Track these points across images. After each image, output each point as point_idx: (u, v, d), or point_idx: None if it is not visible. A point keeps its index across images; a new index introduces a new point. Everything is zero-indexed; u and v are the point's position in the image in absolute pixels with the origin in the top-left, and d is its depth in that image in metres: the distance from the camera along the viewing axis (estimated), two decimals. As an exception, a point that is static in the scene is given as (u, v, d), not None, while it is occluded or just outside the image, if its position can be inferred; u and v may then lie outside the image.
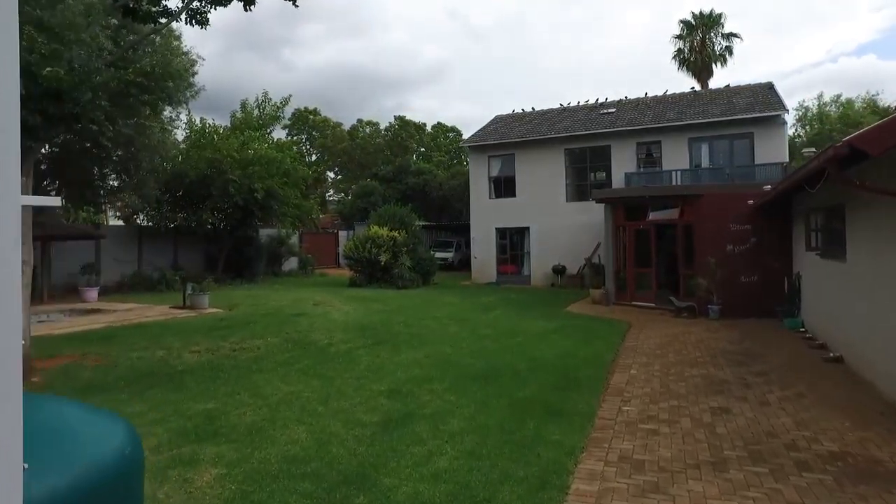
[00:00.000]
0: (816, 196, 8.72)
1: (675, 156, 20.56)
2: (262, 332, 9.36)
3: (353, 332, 10.09)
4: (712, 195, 13.13)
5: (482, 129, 25.64)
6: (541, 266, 23.04)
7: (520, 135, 23.48)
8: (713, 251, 12.92)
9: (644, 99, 24.44)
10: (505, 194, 24.24)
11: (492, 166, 24.42)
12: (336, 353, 8.48)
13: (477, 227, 24.57)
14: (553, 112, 25.68)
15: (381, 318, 12.10)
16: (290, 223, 21.00)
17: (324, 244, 30.66)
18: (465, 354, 8.73)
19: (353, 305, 13.80)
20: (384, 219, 21.76)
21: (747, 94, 21.36)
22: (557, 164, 22.79)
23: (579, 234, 22.10)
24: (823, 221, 9.04)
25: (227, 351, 8.13)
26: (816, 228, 9.48)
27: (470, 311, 14.03)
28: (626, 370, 8.13)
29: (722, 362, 8.40)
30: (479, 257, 24.58)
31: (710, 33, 37.82)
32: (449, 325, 11.56)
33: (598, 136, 21.83)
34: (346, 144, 43.46)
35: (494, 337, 10.33)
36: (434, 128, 49.58)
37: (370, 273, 20.47)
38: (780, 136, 19.17)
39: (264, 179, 18.88)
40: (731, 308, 12.66)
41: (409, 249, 21.31)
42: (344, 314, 12.06)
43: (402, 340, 9.69)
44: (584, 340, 10.24)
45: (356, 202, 36.22)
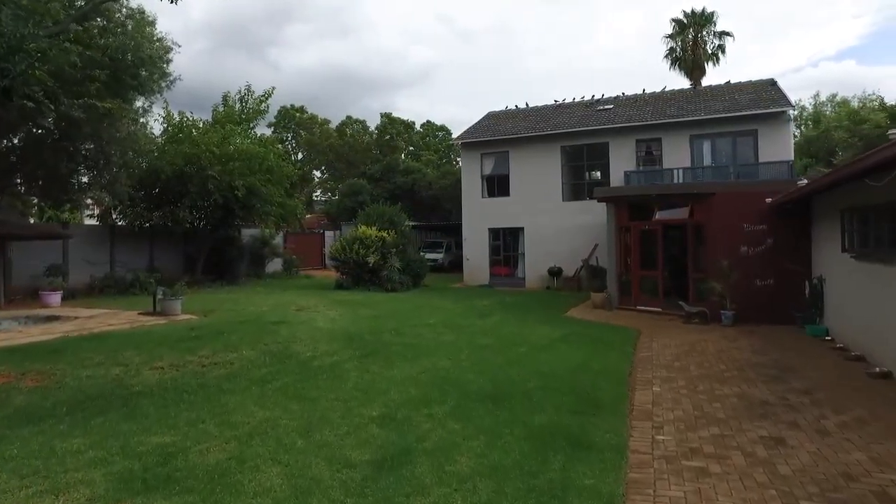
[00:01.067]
0: (856, 193, 7.90)
1: (676, 154, 19.78)
2: (238, 342, 8.33)
3: (339, 343, 9.09)
4: (725, 194, 12.31)
5: (474, 126, 24.73)
6: (535, 268, 22.18)
7: (514, 131, 22.60)
8: (726, 253, 12.10)
9: (642, 95, 23.68)
10: (498, 193, 23.36)
11: (485, 164, 23.52)
12: (320, 368, 7.48)
13: (469, 227, 23.65)
14: (548, 109, 24.84)
15: (370, 325, 11.11)
16: (273, 223, 19.90)
17: (309, 245, 29.54)
18: (466, 369, 7.78)
19: (339, 311, 12.79)
20: (373, 218, 20.74)
21: (749, 90, 20.66)
22: (553, 162, 21.94)
23: (576, 234, 21.28)
24: (866, 221, 8.19)
25: (195, 367, 7.09)
26: (852, 229, 8.64)
27: (465, 317, 13.09)
28: (647, 386, 7.24)
29: (753, 377, 7.54)
30: (472, 259, 23.67)
31: (702, 32, 37.28)
32: (444, 333, 10.61)
33: (596, 132, 21.00)
34: (333, 141, 42.29)
35: (496, 347, 9.39)
36: (423, 126, 48.63)
37: (357, 275, 19.44)
38: (785, 133, 18.47)
39: (246, 176, 17.78)
40: (745, 313, 11.85)
41: (398, 250, 20.30)
42: (329, 321, 11.05)
43: (394, 352, 8.71)
44: (594, 350, 9.35)
45: (343, 201, 35.15)
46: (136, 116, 14.74)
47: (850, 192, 8.15)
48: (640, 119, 20.48)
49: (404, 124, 44.82)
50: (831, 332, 10.13)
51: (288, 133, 43.62)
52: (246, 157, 17.89)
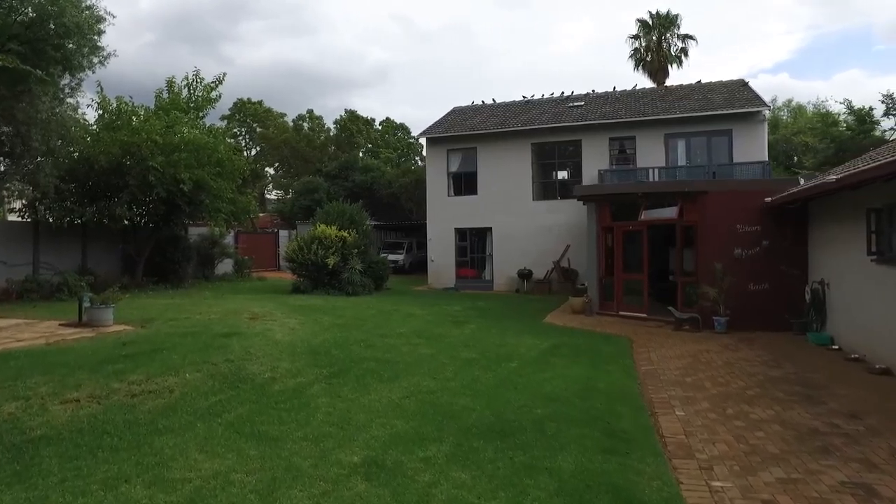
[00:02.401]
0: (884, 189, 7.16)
1: (650, 153, 19.22)
2: (180, 362, 6.88)
3: (302, 359, 7.75)
4: (718, 192, 11.59)
5: (440, 121, 23.61)
6: (504, 270, 21.23)
7: (483, 127, 21.61)
8: (719, 255, 11.37)
9: (613, 93, 23.09)
10: (465, 192, 22.31)
11: (451, 161, 22.42)
12: (282, 394, 6.15)
13: (434, 227, 22.50)
14: (516, 105, 23.96)
15: (336, 336, 9.79)
16: (223, 220, 18.13)
17: (262, 245, 27.70)
18: (456, 391, 6.60)
19: (298, 318, 11.38)
20: (332, 217, 19.29)
21: (721, 90, 20.32)
22: (523, 159, 21.05)
23: (547, 235, 20.47)
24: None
25: (122, 397, 5.64)
26: (891, 230, 7.92)
27: (439, 325, 11.92)
28: (668, 410, 6.26)
29: (781, 396, 6.67)
30: (437, 260, 22.52)
31: (665, 34, 37.43)
32: (420, 345, 9.40)
33: (568, 129, 20.24)
34: (289, 136, 40.22)
35: (483, 362, 8.25)
36: (383, 124, 47.18)
37: (316, 278, 17.97)
38: (759, 133, 18.14)
39: (193, 169, 16.02)
40: (738, 319, 11.15)
41: (360, 251, 18.94)
42: (289, 331, 9.66)
43: (368, 369, 7.45)
44: (592, 365, 8.35)
45: (298, 200, 33.36)
46: (60, 95, 12.81)
47: (881, 189, 7.43)
48: (614, 116, 19.83)
49: (365, 121, 43.23)
50: (838, 340, 9.49)
51: (242, 127, 41.25)
52: (193, 148, 16.14)
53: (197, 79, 18.37)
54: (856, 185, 7.12)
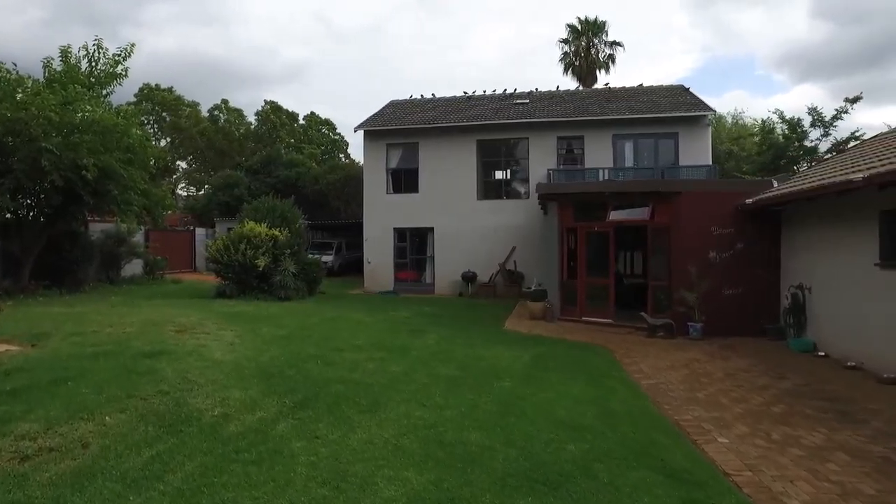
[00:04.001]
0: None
1: (598, 153, 18.87)
2: (94, 398, 5.15)
3: (254, 384, 6.21)
4: (692, 193, 11.11)
5: (377, 114, 22.17)
6: (447, 273, 20.15)
7: (425, 121, 20.40)
8: (693, 259, 10.89)
9: (558, 92, 22.70)
10: (405, 189, 21.02)
11: (390, 156, 21.07)
12: (242, 438, 4.66)
13: (372, 226, 21.03)
14: (458, 100, 22.98)
15: (284, 350, 8.25)
16: (134, 215, 15.71)
17: (177, 244, 24.93)
18: (459, 422, 5.38)
19: (234, 330, 9.68)
20: (261, 213, 17.36)
21: (665, 93, 20.38)
22: (468, 156, 20.08)
23: (492, 236, 19.62)
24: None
25: (5, 462, 3.93)
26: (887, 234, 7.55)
27: (396, 335, 10.62)
28: (705, 435, 5.40)
29: (812, 413, 6.04)
30: (374, 262, 21.06)
31: (594, 39, 38.01)
32: (387, 361, 8.07)
33: (516, 126, 19.50)
34: (204, 126, 36.91)
35: (469, 381, 7.06)
36: (307, 118, 44.76)
37: (243, 281, 16.03)
38: (704, 137, 18.24)
39: (98, 154, 13.62)
40: (712, 325, 10.71)
41: (293, 252, 17.17)
42: (228, 347, 8.00)
43: (339, 396, 6.05)
44: (589, 380, 7.41)
45: (216, 195, 30.57)
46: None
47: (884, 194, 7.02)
48: (562, 115, 19.32)
49: (288, 114, 40.62)
50: (822, 346, 9.17)
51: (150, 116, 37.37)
52: (99, 130, 13.75)
53: (99, 49, 15.83)
54: (884, 185, 6.63)
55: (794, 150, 19.92)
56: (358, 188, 33.14)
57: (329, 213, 31.51)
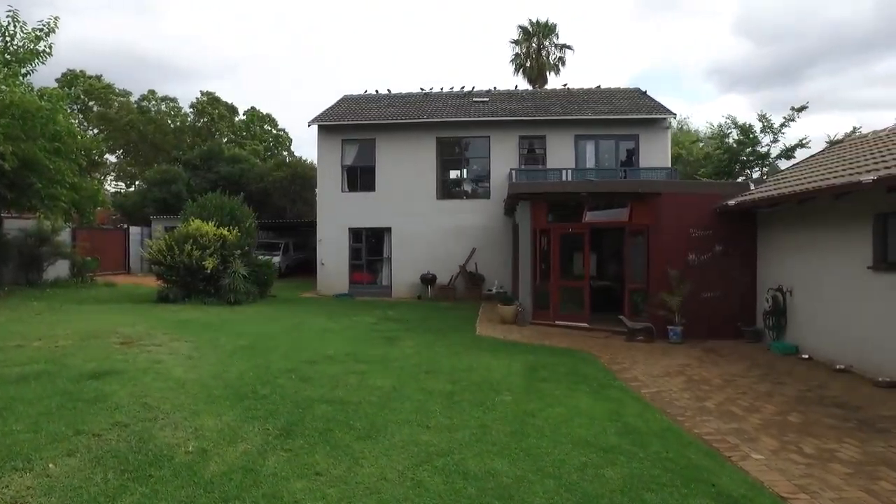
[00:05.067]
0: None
1: (560, 153, 18.69)
2: (29, 438, 4.15)
3: (227, 408, 5.34)
4: (673, 194, 10.92)
5: (332, 108, 21.15)
6: (405, 275, 19.44)
7: (383, 116, 19.59)
8: (673, 261, 10.69)
9: (517, 91, 22.43)
10: (362, 187, 20.13)
11: (346, 153, 20.11)
12: (228, 481, 3.82)
13: (325, 226, 19.99)
14: (415, 96, 22.29)
15: (251, 364, 7.35)
16: (62, 211, 14.07)
17: (108, 244, 22.94)
18: (476, 448, 4.73)
19: (189, 340, 8.64)
20: (209, 211, 16.09)
21: (623, 96, 20.47)
22: (427, 154, 19.45)
23: (452, 237, 19.09)
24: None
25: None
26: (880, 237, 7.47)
27: (369, 343, 9.86)
28: (737, 451, 5.02)
29: (832, 422, 5.78)
30: (328, 263, 20.04)
31: (544, 41, 38.23)
32: (369, 374, 7.32)
33: (478, 124, 19.03)
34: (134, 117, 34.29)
35: (467, 396, 6.42)
36: (247, 113, 42.71)
37: (188, 284, 14.77)
38: (664, 140, 18.39)
39: (18, 141, 12.08)
40: (690, 328, 10.54)
41: (243, 253, 16.00)
42: (187, 362, 7.02)
43: (328, 419, 5.28)
44: (591, 391, 6.93)
45: (151, 191, 28.49)
46: None
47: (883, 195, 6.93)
48: (525, 114, 19.00)
49: (227, 107, 38.51)
50: (805, 349, 9.12)
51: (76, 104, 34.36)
52: (19, 114, 12.19)
53: (15, 22, 14.09)
54: (893, 187, 6.50)
55: (747, 155, 20.49)
56: (305, 186, 31.95)
57: (274, 211, 30.07)
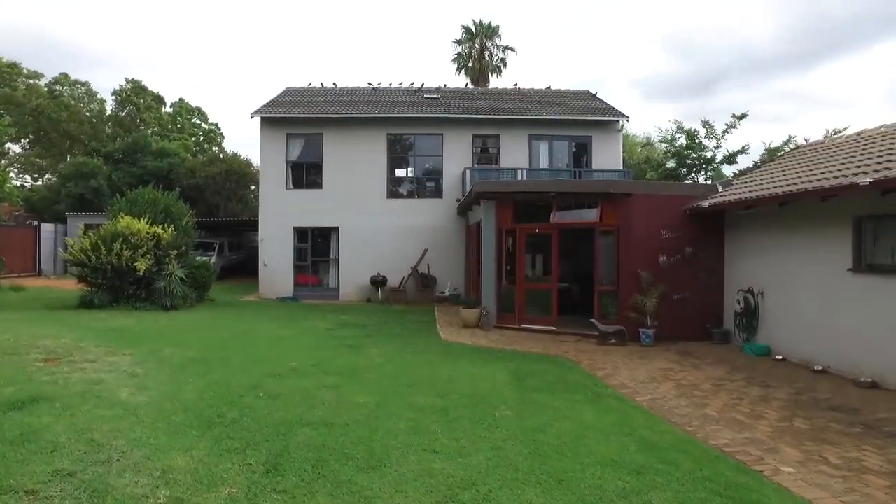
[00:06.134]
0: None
1: (514, 153, 18.45)
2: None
3: (195, 439, 4.48)
4: (643, 195, 10.76)
5: (276, 100, 19.93)
6: (353, 276, 18.57)
7: (332, 110, 18.62)
8: (644, 263, 10.55)
9: (468, 89, 22.04)
10: (308, 185, 19.08)
11: (291, 148, 18.99)
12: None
13: (268, 224, 18.79)
14: (364, 91, 21.41)
15: (209, 381, 6.42)
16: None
17: (14, 243, 20.54)
18: (502, 477, 4.14)
19: (128, 353, 7.53)
20: (140, 207, 14.59)
21: (574, 98, 20.51)
22: (378, 152, 18.68)
23: (403, 237, 18.43)
24: None
25: None
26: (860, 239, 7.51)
27: (331, 351, 9.08)
28: (758, 462, 4.79)
29: (840, 427, 5.64)
30: (271, 265, 18.83)
31: (487, 42, 38.20)
32: (345, 388, 6.57)
33: (431, 121, 18.45)
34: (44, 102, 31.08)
35: (463, 412, 5.80)
36: (175, 105, 40.09)
37: (117, 287, 13.30)
38: (616, 142, 18.53)
39: None
40: (661, 331, 10.43)
41: (179, 253, 14.62)
42: (133, 381, 6.00)
43: (320, 448, 4.53)
44: (590, 402, 6.52)
45: (66, 186, 25.96)
46: None
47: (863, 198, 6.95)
48: (478, 112, 18.59)
49: (154, 97, 35.81)
50: (778, 350, 9.16)
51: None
52: None
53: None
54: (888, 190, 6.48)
55: (693, 160, 21.09)
56: (241, 183, 30.21)
57: (207, 209, 28.23)
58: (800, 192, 7.55)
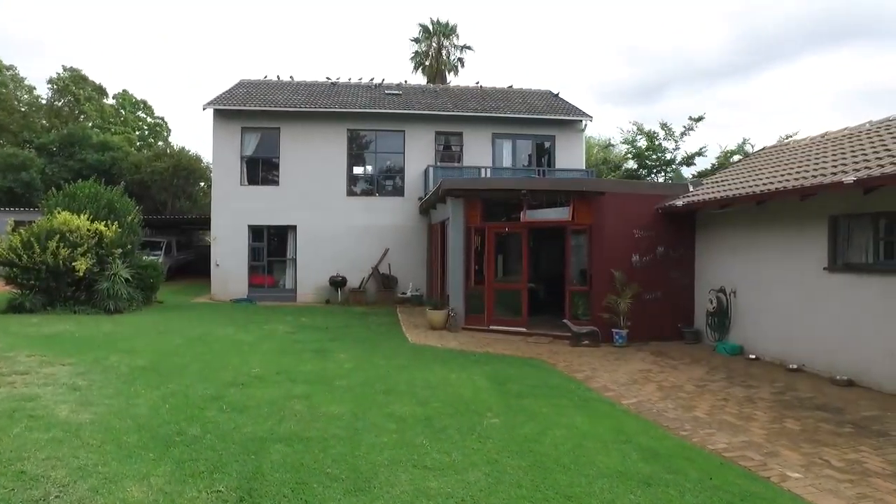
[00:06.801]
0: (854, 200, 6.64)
1: (477, 151, 18.19)
2: None
3: (153, 462, 3.91)
4: (616, 194, 10.62)
5: (228, 93, 18.95)
6: (311, 277, 17.85)
7: (290, 103, 17.85)
8: (616, 262, 10.41)
9: (430, 87, 21.63)
10: (263, 181, 18.24)
11: (246, 142, 18.09)
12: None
13: (221, 223, 17.83)
14: (322, 85, 20.68)
15: (165, 393, 5.80)
16: None
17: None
18: (506, 496, 3.76)
19: (67, 362, 6.78)
20: (80, 202, 13.52)
21: (537, 97, 20.41)
22: (337, 148, 18.03)
23: (363, 237, 17.87)
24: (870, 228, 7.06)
25: None
26: (846, 238, 7.51)
27: (297, 357, 8.52)
28: (762, 468, 4.61)
29: (831, 427, 5.55)
30: (224, 265, 17.88)
31: (444, 41, 37.90)
32: (317, 399, 6.06)
33: (393, 117, 17.94)
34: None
35: (448, 423, 5.41)
36: (118, 97, 38.00)
37: (53, 289, 12.27)
38: (579, 142, 18.52)
39: None
40: (634, 331, 10.32)
41: (125, 252, 13.62)
42: (74, 396, 5.32)
43: (300, 467, 4.04)
44: (578, 407, 6.23)
45: (-7, 180, 24.07)
46: None
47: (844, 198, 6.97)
48: (442, 108, 18.21)
49: (95, 87, 33.72)
50: (752, 350, 9.16)
51: None
52: None
53: None
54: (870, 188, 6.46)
55: (653, 161, 21.38)
56: (190, 179, 28.86)
57: (153, 207, 26.78)
58: (780, 191, 7.52)
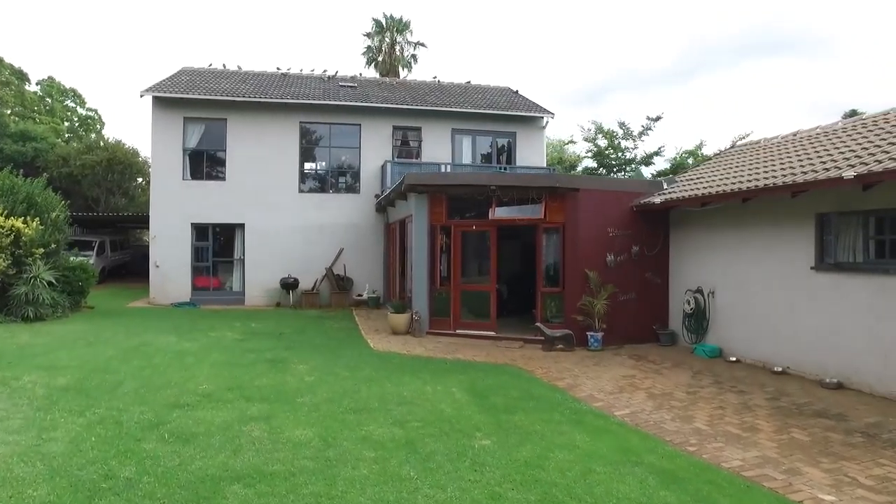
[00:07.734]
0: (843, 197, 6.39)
1: (436, 147, 17.54)
2: None
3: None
4: (591, 191, 10.16)
5: (170, 80, 17.52)
6: (261, 279, 16.74)
7: (239, 93, 16.65)
8: (591, 262, 9.96)
9: (386, 80, 20.79)
10: (208, 176, 16.98)
11: (189, 133, 16.75)
12: None
13: (161, 220, 16.46)
14: (272, 75, 19.50)
15: (90, 420, 4.87)
16: None
17: None
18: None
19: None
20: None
21: (495, 94, 19.94)
22: (289, 141, 17.00)
23: (316, 236, 16.93)
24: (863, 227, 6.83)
25: None
26: (835, 237, 7.27)
27: (250, 369, 7.62)
28: (792, 490, 4.13)
29: (840, 437, 5.19)
30: (164, 266, 16.50)
31: (398, 37, 37.08)
32: (278, 421, 5.27)
33: (348, 110, 17.06)
34: None
35: (435, 447, 4.72)
36: (42, 83, 35.16)
37: (-38, 295, 10.76)
38: (540, 140, 18.17)
39: None
40: (609, 334, 9.91)
41: (48, 252, 12.20)
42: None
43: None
44: (572, 423, 5.65)
45: None
46: None
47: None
48: (399, 102, 17.45)
49: (13, 71, 30.93)
50: (730, 352, 8.89)
51: None
52: None
53: None
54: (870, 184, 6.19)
55: (613, 160, 21.33)
56: (126, 175, 26.91)
57: (84, 203, 24.76)
58: (769, 188, 7.21)
